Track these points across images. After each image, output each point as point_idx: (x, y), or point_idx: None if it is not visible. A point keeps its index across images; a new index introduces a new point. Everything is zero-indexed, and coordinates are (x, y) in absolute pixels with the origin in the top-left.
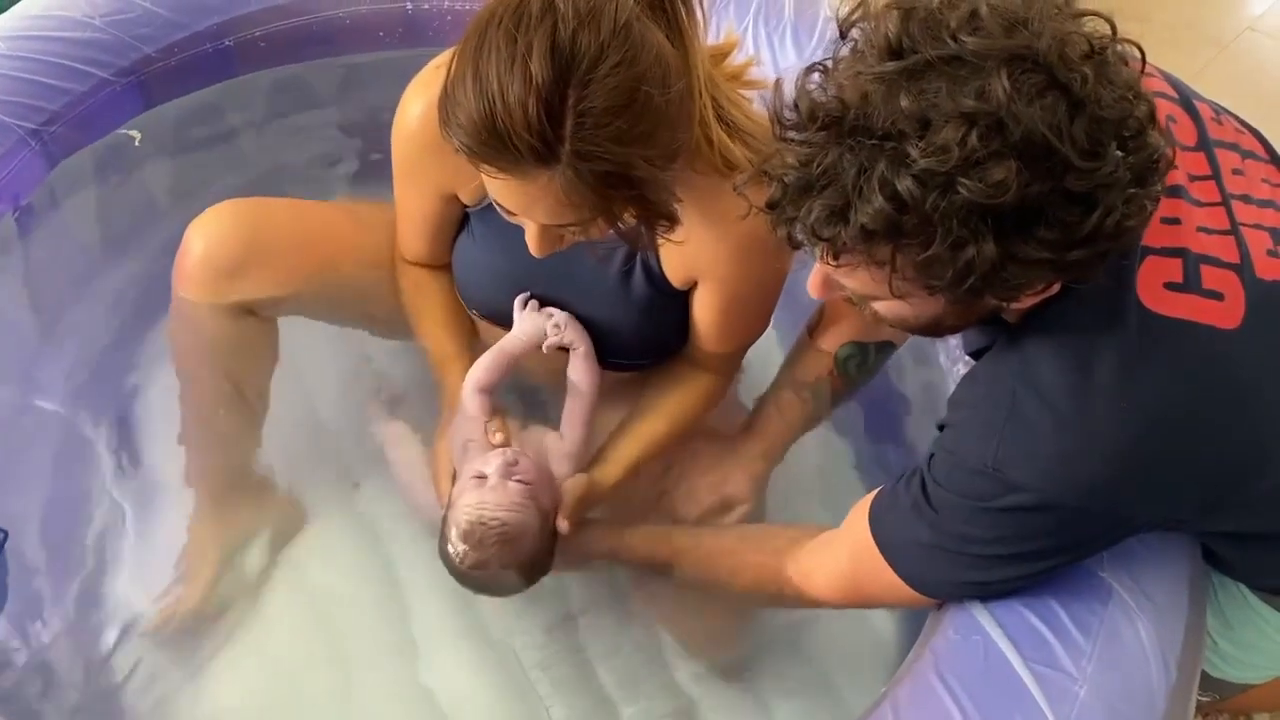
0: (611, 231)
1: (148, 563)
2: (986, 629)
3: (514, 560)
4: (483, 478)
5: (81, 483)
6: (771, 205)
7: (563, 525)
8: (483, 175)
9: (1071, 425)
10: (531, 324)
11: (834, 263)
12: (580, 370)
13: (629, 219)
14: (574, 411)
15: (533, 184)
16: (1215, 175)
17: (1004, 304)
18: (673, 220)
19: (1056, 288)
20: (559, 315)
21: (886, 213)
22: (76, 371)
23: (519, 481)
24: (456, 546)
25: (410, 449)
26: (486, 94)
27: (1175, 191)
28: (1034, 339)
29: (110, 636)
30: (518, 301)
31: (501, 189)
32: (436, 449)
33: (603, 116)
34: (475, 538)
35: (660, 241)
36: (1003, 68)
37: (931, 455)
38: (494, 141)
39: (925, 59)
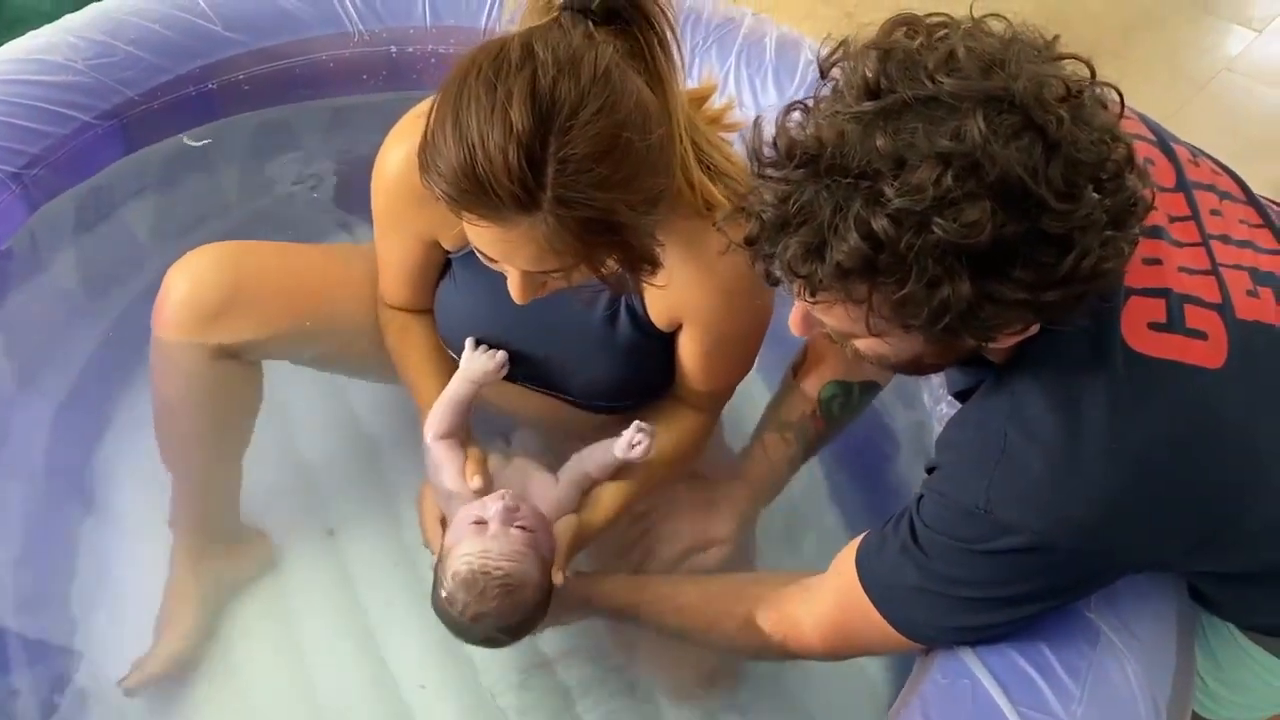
0: (593, 276)
1: (124, 612)
2: (975, 673)
3: (514, 612)
4: (483, 524)
5: (58, 532)
6: (750, 241)
7: (558, 577)
8: (464, 223)
9: (1063, 467)
10: (475, 364)
11: (811, 300)
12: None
13: (611, 264)
14: (578, 470)
15: (514, 231)
16: (1195, 216)
17: (982, 344)
18: (655, 264)
19: (1035, 329)
20: (501, 354)
21: (862, 251)
22: (54, 418)
23: (520, 528)
24: (456, 597)
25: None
26: (467, 142)
27: (1155, 232)
28: (1023, 381)
29: (86, 688)
30: (467, 344)
31: (483, 236)
32: (423, 495)
33: (584, 163)
34: (478, 588)
35: (643, 285)
36: (979, 109)
37: (920, 497)
38: (475, 189)
39: (902, 99)
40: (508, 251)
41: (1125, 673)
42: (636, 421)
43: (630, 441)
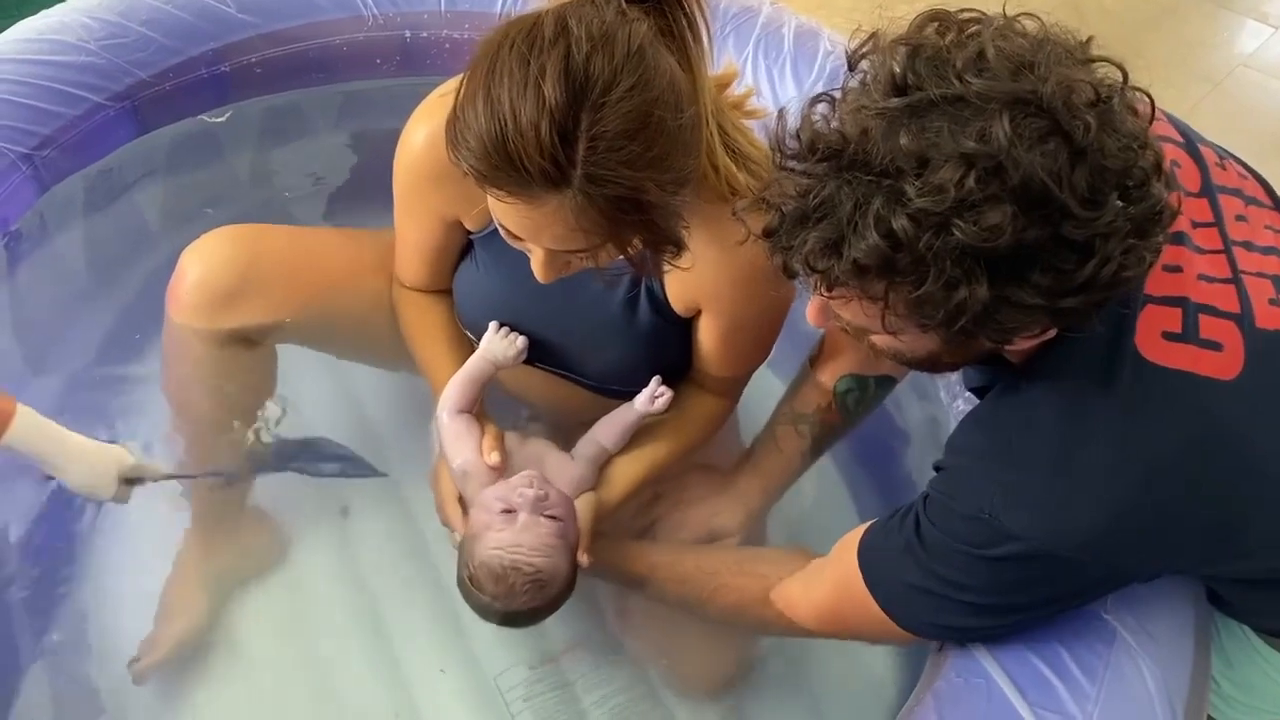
0: (617, 258)
1: (134, 596)
2: (989, 672)
3: (543, 607)
4: (512, 512)
5: (68, 515)
6: (768, 233)
7: (583, 560)
8: (489, 200)
9: (1066, 476)
10: (495, 346)
11: (827, 294)
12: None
13: (636, 245)
14: (594, 445)
15: (541, 208)
16: (1218, 222)
17: (999, 345)
18: (680, 246)
19: (1053, 332)
20: (522, 340)
21: (880, 249)
22: (64, 400)
23: (550, 517)
24: (485, 587)
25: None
26: (498, 116)
27: (1178, 238)
28: (1033, 386)
29: (93, 673)
30: (490, 327)
31: (509, 213)
32: (437, 474)
33: (616, 140)
34: (508, 583)
35: (666, 268)
36: (1005, 111)
37: (926, 496)
38: (504, 164)
39: (929, 97)
40: (534, 229)
41: (1141, 674)
42: (657, 376)
43: (653, 394)
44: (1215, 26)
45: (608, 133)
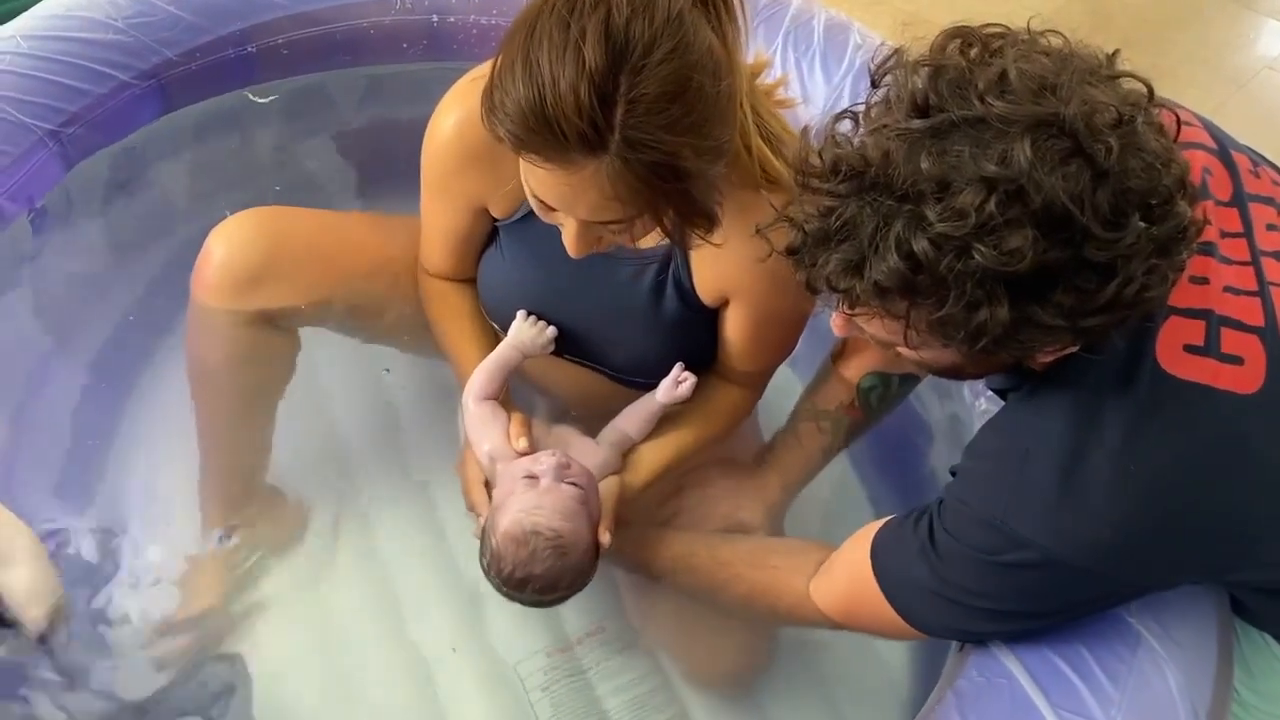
0: (647, 239)
1: (153, 574)
2: (1012, 671)
3: (563, 576)
4: (534, 479)
5: (85, 493)
6: (791, 251)
7: (605, 537)
8: (524, 169)
9: (1075, 485)
10: (523, 334)
11: (849, 311)
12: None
13: (670, 217)
14: (618, 432)
15: (578, 175)
16: (1247, 232)
17: (1021, 360)
18: (713, 221)
19: (1075, 348)
20: (551, 329)
21: (901, 271)
22: (86, 376)
23: (572, 484)
24: (505, 554)
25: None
26: (537, 80)
27: (1206, 249)
28: (1050, 395)
29: (110, 649)
30: (519, 315)
31: (545, 181)
32: (465, 460)
33: (655, 104)
34: (529, 548)
35: (697, 244)
36: (1027, 134)
37: (941, 501)
38: (542, 128)
39: (950, 119)
40: (569, 198)
41: (1165, 678)
42: (680, 363)
43: (676, 379)
44: (1241, 28)
45: (647, 95)
